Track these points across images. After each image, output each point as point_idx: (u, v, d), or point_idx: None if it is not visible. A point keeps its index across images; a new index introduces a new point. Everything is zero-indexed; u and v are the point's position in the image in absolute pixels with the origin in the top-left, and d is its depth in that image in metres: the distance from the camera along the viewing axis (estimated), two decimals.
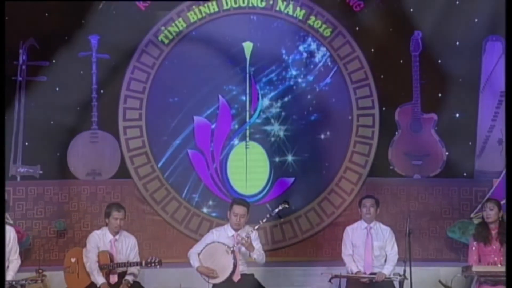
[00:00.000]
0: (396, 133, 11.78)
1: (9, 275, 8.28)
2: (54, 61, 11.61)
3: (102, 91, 11.67)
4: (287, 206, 8.91)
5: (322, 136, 11.70)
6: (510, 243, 7.90)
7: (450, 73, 11.69)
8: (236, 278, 8.53)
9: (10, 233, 8.45)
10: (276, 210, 8.83)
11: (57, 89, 11.69)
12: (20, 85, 11.54)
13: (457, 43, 11.73)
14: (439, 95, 11.80)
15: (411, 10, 11.72)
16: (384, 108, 11.72)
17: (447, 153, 11.69)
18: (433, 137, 11.71)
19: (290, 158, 11.69)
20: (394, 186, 11.58)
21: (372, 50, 11.75)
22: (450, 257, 11.23)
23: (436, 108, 11.74)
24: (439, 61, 11.75)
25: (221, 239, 8.65)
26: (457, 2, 11.68)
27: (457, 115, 11.82)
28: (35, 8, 11.51)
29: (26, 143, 11.58)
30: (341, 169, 11.63)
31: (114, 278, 8.60)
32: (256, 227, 8.61)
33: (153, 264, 8.60)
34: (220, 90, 11.67)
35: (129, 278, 8.63)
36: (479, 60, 11.72)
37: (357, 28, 11.76)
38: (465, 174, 11.75)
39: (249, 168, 11.68)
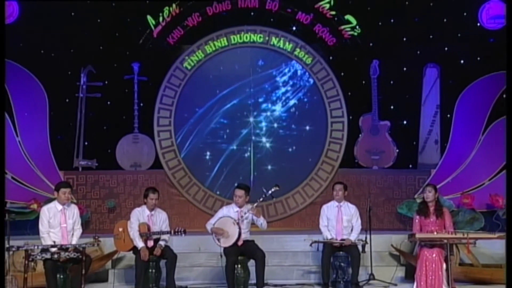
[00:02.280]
0: (360, 135, 11.82)
1: (74, 240, 8.25)
2: (106, 82, 11.72)
3: (141, 104, 11.75)
4: (278, 188, 8.81)
5: (305, 137, 11.74)
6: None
7: (399, 91, 11.76)
8: (240, 243, 8.51)
9: (74, 210, 8.41)
10: (269, 191, 8.75)
11: (108, 103, 11.81)
12: (81, 100, 11.61)
13: (404, 69, 11.82)
14: (391, 107, 11.89)
15: (371, 44, 11.80)
16: (351, 117, 11.76)
17: (397, 150, 11.75)
18: (387, 139, 11.75)
19: (282, 153, 11.76)
20: (358, 175, 11.61)
21: (342, 74, 11.82)
22: (399, 227, 11.23)
23: (389, 117, 11.81)
24: (391, 82, 11.84)
25: (229, 213, 8.63)
26: (404, 39, 11.75)
27: (405, 122, 11.91)
28: (92, 42, 11.58)
29: (86, 143, 11.67)
30: (319, 162, 11.67)
31: (150, 243, 8.58)
32: (255, 204, 8.58)
33: (179, 233, 8.57)
34: (230, 101, 11.71)
35: (162, 243, 8.62)
36: (420, 82, 11.77)
37: (330, 58, 11.83)
38: (410, 166, 11.84)
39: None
